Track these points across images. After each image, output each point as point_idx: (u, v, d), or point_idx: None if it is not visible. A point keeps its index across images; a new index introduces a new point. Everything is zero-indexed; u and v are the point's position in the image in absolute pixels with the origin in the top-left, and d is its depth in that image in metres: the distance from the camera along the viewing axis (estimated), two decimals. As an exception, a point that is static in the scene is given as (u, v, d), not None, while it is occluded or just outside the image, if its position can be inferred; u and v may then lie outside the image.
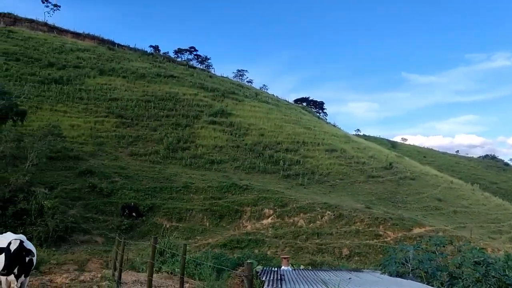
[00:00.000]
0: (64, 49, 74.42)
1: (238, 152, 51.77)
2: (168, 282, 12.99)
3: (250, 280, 5.17)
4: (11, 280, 7.39)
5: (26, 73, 59.40)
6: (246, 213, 35.52)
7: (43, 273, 15.15)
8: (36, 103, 51.06)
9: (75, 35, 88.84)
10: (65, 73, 63.05)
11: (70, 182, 35.80)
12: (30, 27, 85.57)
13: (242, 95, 78.53)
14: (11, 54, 64.44)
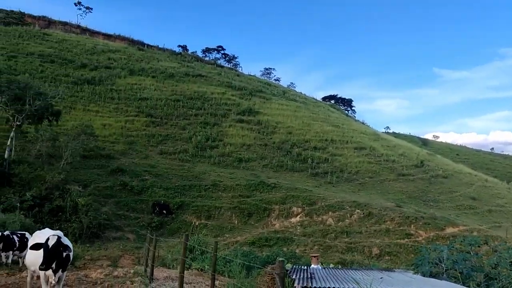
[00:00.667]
0: (96, 50, 76.29)
1: (266, 150, 51.81)
2: (198, 279, 13.11)
3: (282, 278, 5.16)
4: (49, 275, 7.64)
5: (60, 74, 61.22)
6: (275, 211, 35.49)
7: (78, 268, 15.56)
8: (70, 103, 52.53)
9: (106, 37, 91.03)
10: (97, 74, 64.67)
11: (102, 180, 36.68)
12: (63, 30, 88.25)
13: (269, 94, 78.48)
14: (46, 56, 66.60)
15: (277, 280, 5.21)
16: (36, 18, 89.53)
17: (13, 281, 11.34)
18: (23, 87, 34.87)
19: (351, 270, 12.61)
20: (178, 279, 8.29)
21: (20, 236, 14.70)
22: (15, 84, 34.97)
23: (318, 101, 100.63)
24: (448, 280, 11.23)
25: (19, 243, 14.40)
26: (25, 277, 11.76)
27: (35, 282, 9.15)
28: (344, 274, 11.06)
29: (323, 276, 10.01)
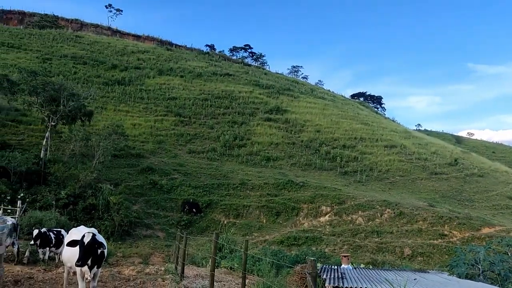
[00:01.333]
0: (126, 52, 77.86)
1: (294, 149, 51.58)
2: (228, 278, 13.14)
3: (314, 278, 5.07)
4: (85, 271, 7.81)
5: (92, 76, 62.81)
6: (303, 210, 35.28)
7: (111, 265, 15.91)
8: (101, 104, 53.77)
9: (136, 38, 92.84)
10: (127, 74, 66.01)
11: (133, 179, 37.37)
12: (95, 32, 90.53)
13: (297, 92, 78.10)
14: (79, 58, 68.49)
15: (309, 280, 5.12)
16: (69, 21, 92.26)
17: (50, 276, 11.67)
18: (57, 89, 35.91)
19: (383, 270, 12.37)
20: (209, 278, 8.32)
21: (56, 233, 15.10)
22: (50, 85, 36.04)
23: (346, 99, 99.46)
24: (485, 282, 10.86)
25: (55, 240, 14.80)
26: (61, 273, 12.09)
27: (71, 278, 9.37)
28: (376, 274, 10.86)
29: (354, 276, 9.85)
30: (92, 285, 8.14)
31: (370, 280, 9.26)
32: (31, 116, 42.52)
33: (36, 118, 41.24)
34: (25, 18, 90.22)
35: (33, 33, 77.47)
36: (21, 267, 13.28)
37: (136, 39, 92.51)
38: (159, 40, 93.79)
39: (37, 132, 40.44)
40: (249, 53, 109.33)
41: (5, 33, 74.64)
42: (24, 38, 73.71)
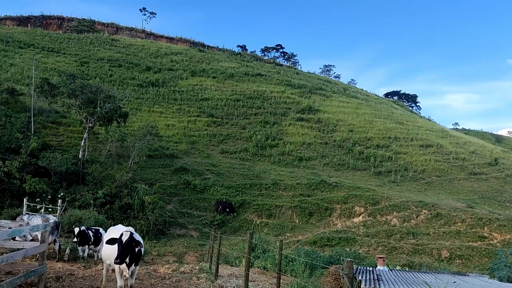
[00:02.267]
0: (160, 54, 79.33)
1: (326, 148, 51.11)
2: (261, 277, 13.16)
3: (351, 279, 4.99)
4: (123, 269, 8.03)
5: (127, 78, 64.34)
6: (336, 211, 34.90)
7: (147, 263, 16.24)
8: (136, 105, 54.99)
9: (169, 40, 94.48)
10: (160, 76, 67.24)
11: (167, 179, 38.02)
12: (130, 35, 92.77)
13: (329, 91, 77.35)
14: (115, 60, 70.35)
15: (346, 281, 5.04)
16: (105, 25, 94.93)
17: (89, 273, 12.03)
18: (94, 91, 37.01)
19: (420, 273, 12.06)
20: (244, 277, 8.35)
21: (95, 231, 15.56)
22: (88, 88, 37.19)
23: (380, 98, 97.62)
24: (530, 287, 10.39)
25: (93, 237, 15.26)
26: (100, 270, 12.45)
27: (110, 275, 9.63)
28: (413, 277, 10.60)
29: (390, 278, 9.65)
30: (130, 283, 8.34)
31: (407, 283, 9.05)
32: (70, 118, 43.98)
33: (75, 120, 42.60)
34: (64, 23, 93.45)
35: (71, 38, 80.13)
36: (62, 263, 13.76)
37: (169, 41, 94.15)
38: (192, 41, 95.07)
39: (75, 134, 41.78)
40: (281, 53, 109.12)
41: (45, 38, 77.56)
42: (63, 42, 76.36)
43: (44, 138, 37.58)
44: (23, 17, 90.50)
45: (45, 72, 53.06)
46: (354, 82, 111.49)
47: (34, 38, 75.81)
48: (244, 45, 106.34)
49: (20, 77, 52.93)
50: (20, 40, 71.40)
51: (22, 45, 68.91)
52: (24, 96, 44.48)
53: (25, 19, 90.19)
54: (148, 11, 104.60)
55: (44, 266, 8.74)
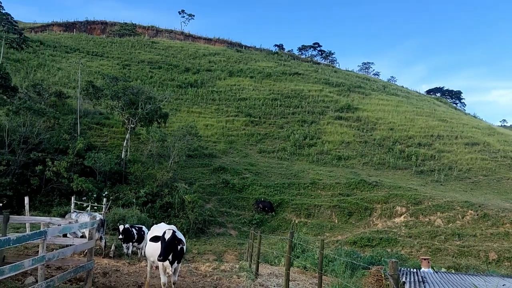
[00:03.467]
0: (198, 55, 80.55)
1: (366, 147, 50.21)
2: (301, 277, 13.11)
3: (396, 280, 4.89)
4: (166, 266, 8.23)
5: (167, 79, 65.75)
6: (377, 211, 34.22)
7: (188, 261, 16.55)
8: (176, 106, 56.08)
9: (207, 41, 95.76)
10: (199, 77, 68.27)
11: (206, 178, 38.54)
12: (169, 37, 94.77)
13: (368, 89, 75.94)
14: (155, 62, 72.09)
15: (391, 282, 4.94)
16: (145, 28, 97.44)
17: (134, 270, 12.40)
18: (136, 93, 38.08)
19: (467, 275, 11.63)
20: (284, 276, 8.35)
21: (138, 229, 16.02)
22: (130, 90, 38.31)
23: (422, 95, 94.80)
24: None
25: (137, 235, 15.70)
26: (144, 266, 12.80)
27: (153, 272, 9.89)
28: (460, 279, 10.24)
29: (436, 281, 9.36)
30: (173, 279, 8.53)
31: (454, 285, 8.75)
32: (113, 119, 45.43)
33: (118, 121, 43.96)
34: (107, 28, 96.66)
35: (114, 41, 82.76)
36: (108, 260, 14.26)
37: (207, 42, 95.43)
38: (229, 42, 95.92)
39: (118, 134, 43.10)
40: (318, 51, 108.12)
41: (90, 42, 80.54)
42: (106, 46, 79.01)
43: (89, 139, 39.01)
44: (69, 23, 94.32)
45: (89, 76, 55.08)
46: (394, 79, 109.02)
47: (80, 43, 78.89)
48: (281, 44, 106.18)
49: (67, 81, 55.20)
50: (66, 45, 74.49)
51: (69, 50, 71.84)
52: (71, 98, 46.36)
53: (71, 24, 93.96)
54: (187, 13, 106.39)
55: (92, 262, 9.08)
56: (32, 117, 32.81)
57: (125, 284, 10.13)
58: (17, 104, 34.04)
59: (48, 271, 9.95)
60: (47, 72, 57.01)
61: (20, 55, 57.44)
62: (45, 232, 7.00)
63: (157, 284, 9.67)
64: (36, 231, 6.93)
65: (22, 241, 6.52)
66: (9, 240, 5.94)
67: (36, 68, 57.35)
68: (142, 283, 10.07)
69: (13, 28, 49.05)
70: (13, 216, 11.15)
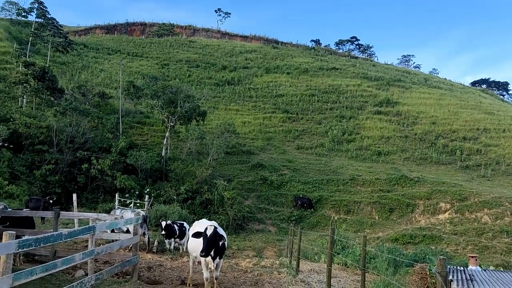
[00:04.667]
0: (234, 52, 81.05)
1: (407, 142, 48.95)
2: (342, 274, 12.98)
3: (444, 278, 4.75)
4: (208, 261, 8.37)
5: (204, 77, 66.61)
6: (419, 207, 33.30)
7: (228, 257, 16.71)
8: (213, 104, 56.73)
9: (243, 38, 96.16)
10: (236, 75, 68.73)
11: (244, 175, 38.76)
12: (206, 36, 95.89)
13: (409, 82, 73.92)
14: (192, 61, 73.21)
15: (439, 280, 4.81)
16: (183, 27, 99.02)
17: (176, 265, 12.69)
18: (175, 92, 38.80)
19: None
20: (326, 272, 8.29)
21: (179, 225, 16.35)
22: (169, 89, 39.09)
23: (466, 87, 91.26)
24: None
25: (179, 231, 16.03)
26: (186, 262, 13.07)
27: (196, 267, 10.07)
28: (510, 277, 9.81)
29: (485, 279, 9.03)
30: (215, 275, 8.66)
31: (504, 283, 8.41)
32: (153, 118, 46.49)
33: (157, 120, 44.95)
34: (146, 29, 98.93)
35: (153, 42, 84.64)
36: (152, 255, 14.65)
37: (244, 39, 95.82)
38: (265, 38, 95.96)
39: (158, 133, 44.08)
40: (356, 45, 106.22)
41: (130, 43, 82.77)
42: (145, 47, 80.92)
43: (130, 137, 40.14)
44: (110, 25, 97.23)
45: (130, 76, 56.61)
46: (436, 71, 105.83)
47: (120, 44, 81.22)
48: (317, 40, 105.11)
49: (109, 81, 57.00)
50: (108, 47, 76.89)
51: (110, 52, 74.13)
52: (113, 98, 47.83)
53: (112, 27, 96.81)
54: (223, 12, 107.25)
55: (138, 257, 9.37)
56: (77, 117, 34.15)
57: (168, 279, 10.38)
58: (63, 105, 35.53)
59: (96, 265, 10.34)
60: (90, 73, 59.08)
61: (65, 58, 59.78)
62: (93, 227, 7.28)
63: (199, 279, 9.85)
64: (85, 227, 7.22)
65: (73, 235, 6.81)
66: (61, 235, 6.23)
67: (81, 70, 59.53)
68: (185, 278, 10.28)
69: (58, 32, 51.11)
70: (63, 212, 11.68)
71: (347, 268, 14.76)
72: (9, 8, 77.61)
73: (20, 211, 12.03)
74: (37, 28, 49.78)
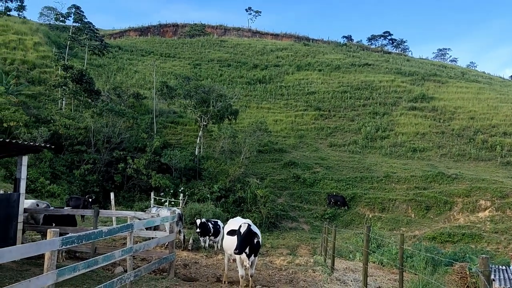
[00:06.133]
0: (265, 51, 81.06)
1: (443, 138, 47.60)
2: (378, 272, 12.79)
3: (487, 277, 4.60)
4: (243, 259, 8.43)
5: (236, 76, 66.96)
6: (457, 205, 32.33)
7: (262, 255, 16.77)
8: (245, 102, 56.93)
9: (274, 36, 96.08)
10: (267, 73, 68.73)
11: (277, 173, 38.75)
12: (237, 35, 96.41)
13: (445, 76, 71.79)
14: (224, 61, 73.73)
15: (482, 279, 4.67)
16: (214, 27, 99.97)
17: (211, 262, 12.86)
18: (207, 91, 39.23)
19: None
20: (362, 271, 8.19)
21: (214, 223, 16.53)
22: (201, 89, 39.56)
23: (506, 80, 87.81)
24: None
25: (213, 229, 16.22)
26: (221, 259, 13.22)
27: (231, 264, 10.17)
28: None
29: (529, 280, 8.68)
30: (250, 272, 8.71)
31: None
32: (186, 117, 47.14)
33: (190, 119, 45.55)
34: (178, 30, 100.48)
35: (185, 42, 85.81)
36: (187, 252, 14.89)
37: (274, 37, 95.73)
38: (296, 36, 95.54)
39: (191, 132, 44.68)
40: (389, 40, 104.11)
41: (162, 44, 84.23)
42: (178, 47, 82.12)
43: (164, 137, 40.87)
44: (143, 28, 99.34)
45: (163, 76, 57.60)
46: (473, 65, 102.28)
47: (153, 45, 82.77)
48: (349, 36, 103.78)
49: (143, 82, 58.22)
50: (142, 48, 78.52)
51: (144, 53, 75.66)
52: (147, 99, 48.85)
53: (145, 29, 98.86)
54: (254, 10, 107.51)
55: (174, 254, 9.55)
56: (113, 118, 35.08)
57: (204, 276, 10.52)
58: (100, 107, 36.58)
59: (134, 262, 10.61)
60: (125, 75, 60.52)
61: (101, 61, 61.47)
62: (132, 225, 7.47)
63: (234, 276, 9.93)
64: (124, 224, 7.43)
65: (112, 233, 7.02)
66: (102, 233, 6.43)
67: (116, 72, 61.08)
68: (220, 275, 10.40)
69: (95, 36, 52.61)
70: (102, 211, 12.05)
71: (383, 266, 14.54)
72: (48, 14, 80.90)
73: (62, 209, 12.50)
74: (74, 32, 51.43)
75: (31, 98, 41.17)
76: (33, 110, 36.77)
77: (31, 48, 54.05)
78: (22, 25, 61.36)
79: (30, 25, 63.64)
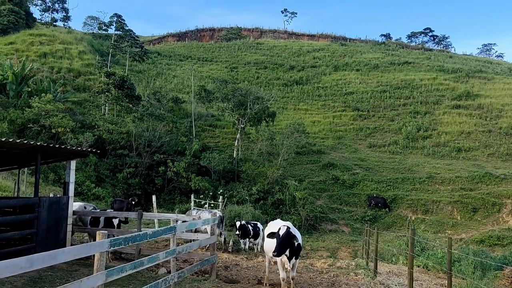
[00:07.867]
0: (302, 52, 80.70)
1: (490, 137, 45.65)
2: (424, 277, 12.40)
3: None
4: (284, 261, 8.42)
5: (273, 78, 67.01)
6: (507, 206, 30.91)
7: (302, 257, 16.66)
8: (282, 104, 56.87)
9: (310, 37, 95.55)
10: (304, 74, 68.37)
11: (315, 174, 38.42)
12: (273, 37, 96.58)
13: (491, 73, 68.85)
14: (260, 63, 73.99)
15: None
16: (250, 30, 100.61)
17: (252, 264, 12.90)
18: (244, 94, 39.48)
19: None
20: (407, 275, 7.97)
21: (253, 226, 16.61)
22: (238, 91, 39.86)
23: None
24: None
25: (253, 231, 16.29)
26: (261, 261, 13.24)
27: (271, 267, 10.16)
28: None
29: None
30: (291, 275, 8.67)
31: None
32: (224, 120, 47.63)
33: (228, 122, 45.99)
34: (214, 34, 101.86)
35: (221, 46, 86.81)
36: (228, 254, 15.01)
37: (311, 38, 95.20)
38: (333, 36, 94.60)
39: (229, 135, 45.09)
40: (430, 36, 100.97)
41: (200, 49, 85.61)
42: (215, 51, 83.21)
43: (203, 140, 41.47)
44: (181, 33, 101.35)
45: (201, 80, 58.49)
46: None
47: (191, 50, 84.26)
48: (388, 34, 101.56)
49: (182, 87, 59.34)
50: (179, 53, 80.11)
51: (182, 58, 77.16)
52: (186, 103, 49.74)
53: (183, 34, 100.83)
54: (289, 12, 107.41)
55: (215, 256, 9.65)
56: (153, 122, 35.96)
57: (245, 278, 10.57)
58: (141, 111, 37.60)
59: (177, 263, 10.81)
60: (164, 80, 61.91)
61: (141, 67, 63.20)
62: (174, 227, 7.62)
63: (275, 279, 9.91)
64: (167, 227, 7.59)
65: (156, 235, 7.19)
66: (147, 235, 6.59)
67: (155, 77, 62.59)
68: (261, 277, 10.41)
69: (135, 43, 54.19)
70: (145, 213, 12.36)
71: (428, 271, 14.08)
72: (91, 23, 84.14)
73: (107, 211, 12.92)
74: (116, 40, 53.19)
75: (77, 105, 42.90)
76: (79, 116, 38.28)
77: (76, 56, 56.30)
78: (67, 35, 64.12)
79: (75, 34, 66.41)
